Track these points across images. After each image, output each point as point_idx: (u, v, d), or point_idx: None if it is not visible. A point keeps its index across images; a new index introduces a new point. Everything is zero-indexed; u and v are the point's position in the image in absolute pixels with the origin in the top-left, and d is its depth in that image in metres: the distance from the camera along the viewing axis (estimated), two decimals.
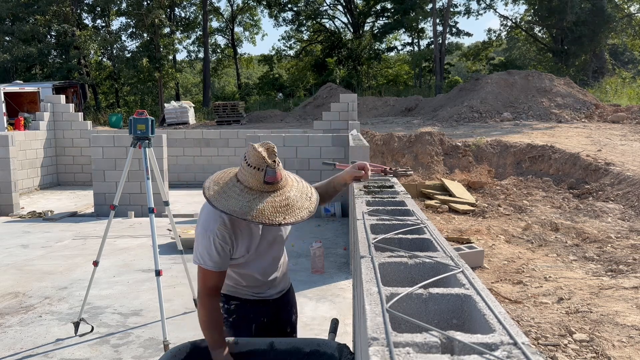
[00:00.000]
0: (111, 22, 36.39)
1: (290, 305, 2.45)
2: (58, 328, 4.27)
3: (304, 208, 1.97)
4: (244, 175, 1.94)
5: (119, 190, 4.24)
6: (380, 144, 12.65)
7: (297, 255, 6.29)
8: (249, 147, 1.96)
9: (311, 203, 2.02)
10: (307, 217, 1.96)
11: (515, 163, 11.90)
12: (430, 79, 33.55)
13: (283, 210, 1.91)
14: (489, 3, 36.30)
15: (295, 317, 2.48)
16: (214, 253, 2.00)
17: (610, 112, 17.15)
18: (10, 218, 8.75)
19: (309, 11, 37.80)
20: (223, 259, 2.03)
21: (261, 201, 1.90)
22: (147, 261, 6.12)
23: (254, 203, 1.89)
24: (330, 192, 2.39)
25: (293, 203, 1.95)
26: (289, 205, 1.93)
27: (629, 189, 9.21)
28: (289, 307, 2.43)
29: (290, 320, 2.44)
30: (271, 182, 1.93)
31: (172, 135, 11.96)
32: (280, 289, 2.36)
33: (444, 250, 1.55)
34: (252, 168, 1.92)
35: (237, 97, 33.79)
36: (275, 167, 1.93)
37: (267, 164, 1.91)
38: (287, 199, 1.95)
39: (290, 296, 2.46)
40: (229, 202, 1.90)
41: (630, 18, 30.46)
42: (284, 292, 2.39)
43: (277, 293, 2.34)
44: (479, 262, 6.11)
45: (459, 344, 0.93)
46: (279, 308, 2.36)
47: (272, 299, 2.32)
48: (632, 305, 4.76)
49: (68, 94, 25.42)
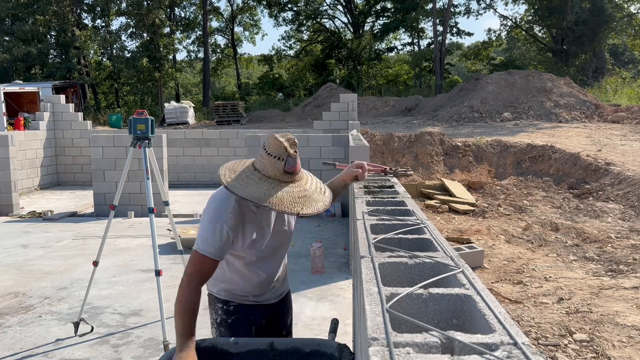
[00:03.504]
0: (111, 22, 36.40)
1: (287, 309, 2.46)
2: (58, 328, 4.26)
3: (319, 201, 1.99)
4: (263, 164, 1.95)
5: (119, 190, 4.24)
6: (380, 144, 12.65)
7: (297, 255, 6.28)
8: (270, 137, 1.96)
9: (325, 197, 2.04)
10: (323, 210, 1.99)
11: (516, 163, 11.90)
12: (430, 79, 33.54)
13: (301, 201, 1.92)
14: (489, 3, 36.33)
15: (290, 319, 2.49)
16: (218, 240, 1.98)
17: (610, 112, 17.15)
18: (10, 218, 8.74)
19: (309, 11, 37.79)
20: (224, 248, 2.02)
21: (280, 189, 1.91)
22: (147, 261, 6.12)
23: (273, 191, 1.90)
24: None
25: (310, 195, 1.97)
26: (307, 196, 1.95)
27: (629, 189, 9.21)
28: (285, 310, 2.44)
29: (286, 323, 2.45)
30: (291, 172, 1.94)
31: (172, 135, 11.96)
32: (280, 293, 2.37)
33: (444, 250, 1.55)
34: (272, 157, 1.93)
35: (237, 97, 33.80)
36: (296, 157, 1.95)
37: (289, 153, 1.92)
38: (305, 190, 1.97)
39: (288, 300, 2.47)
40: (248, 189, 1.90)
41: (630, 18, 30.45)
42: (283, 296, 2.40)
43: (275, 297, 2.35)
44: (479, 262, 6.11)
45: (459, 344, 0.93)
46: (277, 312, 2.37)
47: (271, 303, 2.33)
48: (632, 305, 4.76)
49: (68, 94, 25.42)
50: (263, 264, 2.20)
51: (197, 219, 8.26)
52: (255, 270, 2.20)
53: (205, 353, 1.97)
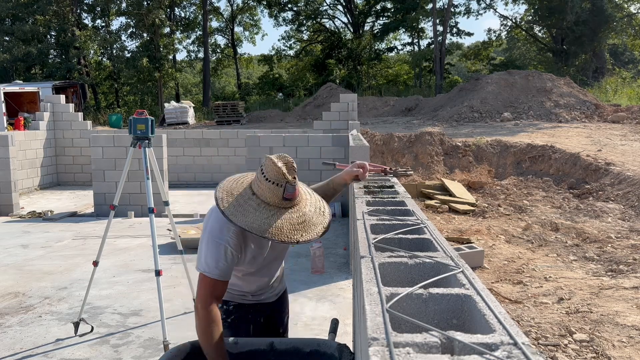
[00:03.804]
0: (111, 22, 36.40)
1: (284, 307, 2.48)
2: (58, 328, 4.26)
3: (319, 224, 1.95)
4: (261, 189, 1.90)
5: (119, 190, 4.24)
6: (380, 144, 12.65)
7: (297, 255, 6.28)
8: (267, 160, 1.92)
9: (325, 218, 2.00)
10: (322, 234, 1.95)
11: (516, 163, 11.90)
12: (430, 79, 33.53)
13: (300, 227, 1.89)
14: (489, 3, 36.32)
15: (287, 317, 2.51)
16: (223, 261, 1.96)
17: (610, 112, 17.15)
18: (10, 218, 8.74)
19: (309, 11, 37.78)
20: (230, 267, 2.00)
21: (279, 217, 1.87)
22: (147, 261, 6.12)
23: (272, 220, 1.86)
24: (329, 193, 2.38)
25: (309, 219, 1.93)
26: (306, 221, 1.92)
27: (629, 189, 9.21)
28: (282, 308, 2.46)
29: (283, 321, 2.47)
30: (290, 199, 1.90)
31: (172, 135, 11.96)
32: (278, 291, 2.40)
33: (444, 250, 1.55)
34: (270, 183, 1.88)
35: (237, 97, 33.80)
36: (295, 184, 1.90)
37: (287, 180, 1.87)
38: (304, 215, 1.93)
39: (285, 298, 2.50)
40: (246, 218, 1.86)
41: (630, 18, 30.45)
42: (280, 294, 2.43)
43: (274, 296, 2.37)
44: (479, 262, 6.11)
45: (459, 344, 0.93)
46: (275, 310, 2.40)
47: (270, 302, 2.35)
48: (632, 305, 4.76)
49: (68, 94, 25.41)
50: (261, 272, 2.23)
51: (197, 219, 8.25)
52: (254, 279, 2.24)
53: None
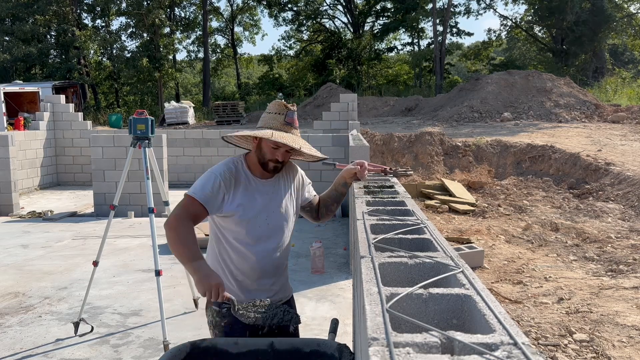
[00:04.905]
0: (111, 22, 36.39)
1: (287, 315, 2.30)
2: (58, 328, 4.27)
3: (314, 150, 2.26)
4: (265, 120, 2.21)
5: (119, 190, 4.24)
6: (380, 144, 12.65)
7: (297, 255, 6.29)
8: (271, 103, 2.26)
9: (317, 152, 2.29)
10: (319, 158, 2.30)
11: (516, 163, 11.90)
12: (430, 79, 33.52)
13: (301, 142, 2.19)
14: (489, 3, 36.33)
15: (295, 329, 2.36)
16: (209, 188, 2.12)
17: (610, 112, 17.15)
18: (10, 218, 8.74)
19: (309, 11, 37.78)
20: (214, 197, 2.12)
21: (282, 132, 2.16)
22: (147, 261, 6.12)
23: (276, 133, 2.14)
24: (334, 196, 2.43)
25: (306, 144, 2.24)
26: (305, 143, 2.23)
27: (629, 189, 9.21)
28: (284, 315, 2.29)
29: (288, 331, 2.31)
30: (291, 123, 2.19)
31: (172, 135, 11.96)
32: (279, 299, 2.30)
33: (444, 250, 1.55)
34: (273, 114, 2.20)
35: (237, 97, 33.80)
36: (295, 111, 2.21)
37: (288, 108, 2.20)
38: (303, 140, 2.25)
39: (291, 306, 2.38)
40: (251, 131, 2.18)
41: (630, 18, 30.45)
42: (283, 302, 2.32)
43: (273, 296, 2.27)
44: (479, 262, 6.11)
45: (459, 344, 0.93)
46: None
47: None
48: (632, 305, 4.76)
49: (68, 94, 25.41)
50: (253, 244, 2.20)
51: None
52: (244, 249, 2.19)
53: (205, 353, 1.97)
